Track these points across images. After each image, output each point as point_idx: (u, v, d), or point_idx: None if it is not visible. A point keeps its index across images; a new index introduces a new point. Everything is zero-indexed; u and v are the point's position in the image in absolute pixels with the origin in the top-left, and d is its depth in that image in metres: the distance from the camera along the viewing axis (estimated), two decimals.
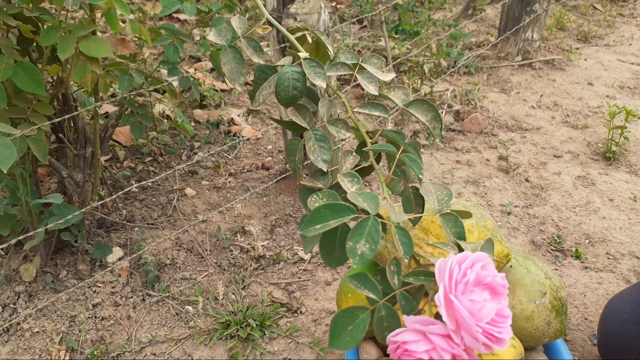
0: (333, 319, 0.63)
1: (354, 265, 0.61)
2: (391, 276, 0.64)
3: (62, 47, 1.03)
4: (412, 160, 0.72)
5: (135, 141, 1.97)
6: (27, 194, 1.22)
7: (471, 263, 0.59)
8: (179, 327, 1.27)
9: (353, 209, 0.63)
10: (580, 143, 2.07)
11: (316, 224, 0.62)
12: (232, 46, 0.77)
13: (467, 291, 0.57)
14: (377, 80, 0.79)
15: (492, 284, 0.59)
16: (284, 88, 0.74)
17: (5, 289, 1.31)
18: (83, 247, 1.40)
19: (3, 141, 0.88)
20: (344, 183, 0.71)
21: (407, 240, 0.64)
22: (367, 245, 0.61)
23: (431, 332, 0.57)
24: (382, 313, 0.63)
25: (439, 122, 0.76)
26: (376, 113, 0.77)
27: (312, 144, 0.75)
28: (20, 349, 1.20)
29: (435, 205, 0.70)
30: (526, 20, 2.60)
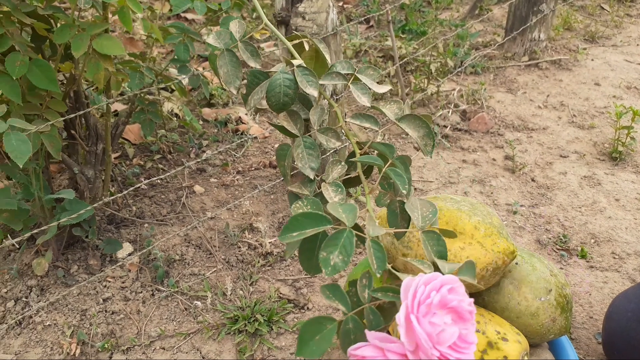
0: (302, 327, 0.62)
1: (325, 275, 0.61)
2: (362, 290, 0.63)
3: (76, 45, 1.05)
4: (397, 175, 0.71)
5: (144, 139, 1.99)
6: (40, 189, 1.24)
7: (439, 285, 0.57)
8: (188, 322, 1.29)
9: (330, 220, 0.63)
10: (586, 143, 2.07)
11: (294, 231, 0.62)
12: (229, 49, 0.77)
13: (429, 313, 0.56)
14: (370, 92, 0.78)
15: (457, 308, 0.58)
16: (274, 94, 0.74)
17: (17, 283, 1.33)
18: (93, 243, 1.43)
19: (19, 136, 0.90)
20: (328, 192, 0.71)
21: (381, 255, 0.63)
22: (340, 256, 0.60)
23: (389, 349, 0.56)
24: (349, 326, 0.62)
25: (431, 139, 0.74)
26: (367, 125, 0.76)
27: (301, 151, 0.75)
28: (32, 342, 1.22)
29: (419, 221, 0.68)
30: (533, 20, 2.60)
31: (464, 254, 0.95)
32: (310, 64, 0.90)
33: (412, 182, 1.83)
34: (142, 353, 1.22)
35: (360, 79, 0.78)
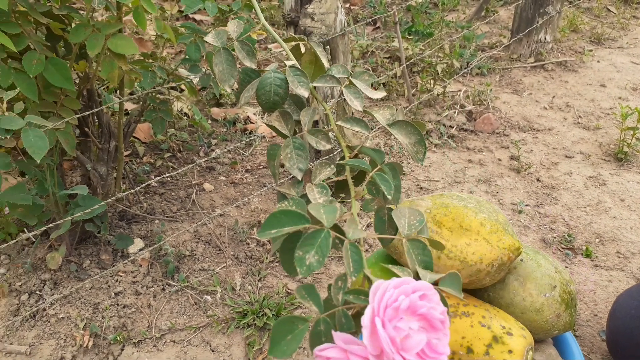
0: (274, 327, 0.61)
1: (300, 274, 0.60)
2: (336, 292, 0.62)
3: (91, 44, 1.08)
4: (384, 180, 0.70)
5: (154, 137, 2.02)
6: (54, 185, 1.27)
7: (410, 290, 0.55)
8: (198, 316, 1.31)
9: (307, 219, 0.62)
10: (592, 144, 2.08)
11: (272, 228, 0.61)
12: (225, 48, 0.77)
13: (396, 317, 0.53)
14: (363, 97, 0.78)
15: (427, 315, 0.55)
16: (265, 92, 0.75)
17: (31, 277, 1.36)
18: (105, 238, 1.45)
19: (36, 133, 0.93)
20: (313, 193, 0.70)
21: (358, 258, 0.62)
22: (316, 256, 0.59)
23: (352, 352, 0.54)
24: (320, 327, 0.61)
25: (422, 147, 0.74)
26: (357, 129, 0.75)
27: (290, 152, 0.74)
28: (46, 334, 1.25)
29: (405, 229, 0.67)
30: (539, 22, 2.62)
31: (469, 250, 0.96)
32: (309, 68, 0.91)
33: (419, 181, 1.85)
34: (153, 346, 1.24)
35: (355, 84, 0.78)
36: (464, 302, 1.01)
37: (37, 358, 1.20)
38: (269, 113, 0.76)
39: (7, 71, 1.02)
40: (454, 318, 0.99)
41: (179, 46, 3.02)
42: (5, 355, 1.21)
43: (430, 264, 0.64)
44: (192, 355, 1.22)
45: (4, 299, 1.32)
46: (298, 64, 0.78)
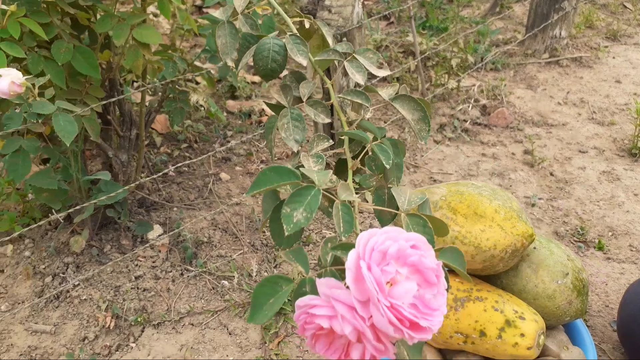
0: (255, 290, 0.56)
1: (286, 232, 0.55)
2: (325, 253, 0.59)
3: (117, 34, 1.11)
4: (382, 150, 0.67)
5: (171, 129, 2.06)
6: (78, 171, 1.31)
7: (401, 237, 0.49)
8: (215, 300, 1.35)
9: (297, 174, 0.59)
10: (606, 139, 2.09)
11: (260, 186, 0.58)
12: (229, 22, 0.76)
13: (382, 262, 0.48)
14: (365, 71, 0.77)
15: (419, 265, 0.48)
16: (262, 58, 0.73)
17: (55, 260, 1.41)
18: (125, 224, 1.49)
19: (66, 118, 0.97)
20: (308, 162, 0.67)
21: (349, 219, 0.59)
22: (304, 213, 0.56)
23: (335, 297, 0.48)
24: (305, 288, 0.57)
25: (426, 124, 0.71)
26: (358, 100, 0.74)
27: (287, 122, 0.72)
28: (69, 314, 1.29)
29: (404, 205, 0.63)
30: (554, 18, 2.62)
31: (484, 236, 0.99)
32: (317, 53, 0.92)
33: (432, 174, 1.87)
34: (172, 328, 1.28)
35: (358, 59, 0.76)
36: (477, 287, 1.03)
37: (62, 337, 1.25)
38: (267, 81, 0.75)
39: (37, 59, 1.06)
40: (467, 302, 1.01)
41: (194, 40, 3.06)
42: (31, 333, 1.25)
43: (432, 242, 0.59)
44: (210, 338, 1.26)
45: (29, 280, 1.37)
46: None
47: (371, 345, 0.47)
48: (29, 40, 1.06)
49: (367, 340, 0.47)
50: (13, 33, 0.97)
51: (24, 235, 1.49)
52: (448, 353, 1.08)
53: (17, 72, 0.89)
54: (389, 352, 0.48)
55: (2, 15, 0.97)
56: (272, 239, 0.65)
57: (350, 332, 0.46)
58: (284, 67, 0.74)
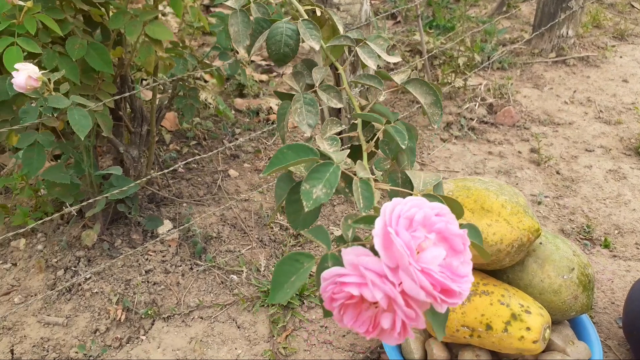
0: (276, 268, 0.55)
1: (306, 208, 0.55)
2: (346, 229, 0.58)
3: (130, 30, 1.13)
4: (397, 131, 0.68)
5: (180, 126, 2.08)
6: (90, 166, 1.33)
7: (425, 205, 0.49)
8: (224, 294, 1.37)
9: (316, 152, 0.59)
10: (612, 138, 2.09)
11: (277, 165, 0.58)
12: (242, 10, 0.77)
13: (410, 228, 0.47)
14: (377, 56, 0.78)
15: (445, 232, 0.48)
16: (275, 42, 0.73)
17: (66, 254, 1.43)
18: (136, 219, 1.51)
19: (81, 112, 0.99)
20: (323, 144, 0.67)
21: (369, 195, 0.59)
22: (324, 189, 0.56)
23: (364, 264, 0.47)
24: (327, 263, 0.56)
25: (439, 108, 0.72)
26: (371, 84, 0.75)
27: (300, 107, 0.73)
28: (81, 307, 1.31)
29: (419, 186, 0.64)
30: (561, 17, 2.62)
31: (490, 231, 1.00)
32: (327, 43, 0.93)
33: (439, 171, 1.88)
34: (182, 321, 1.30)
35: (369, 45, 0.77)
36: (484, 282, 1.04)
37: (73, 329, 1.27)
38: (279, 66, 0.77)
39: (52, 54, 1.08)
40: (474, 296, 1.02)
41: (202, 39, 3.08)
42: (43, 325, 1.27)
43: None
44: (219, 331, 1.28)
45: (41, 274, 1.39)
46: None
47: (402, 311, 0.46)
48: (43, 36, 1.08)
49: (398, 306, 0.46)
50: (29, 29, 0.99)
51: (36, 229, 1.51)
52: (454, 347, 1.10)
53: (33, 67, 0.91)
54: (419, 319, 0.47)
55: (18, 11, 0.99)
56: (288, 221, 0.64)
57: (381, 298, 0.45)
58: (297, 52, 0.74)
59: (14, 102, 1.17)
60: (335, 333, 1.27)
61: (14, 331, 1.26)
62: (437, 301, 0.45)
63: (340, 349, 1.24)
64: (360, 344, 1.25)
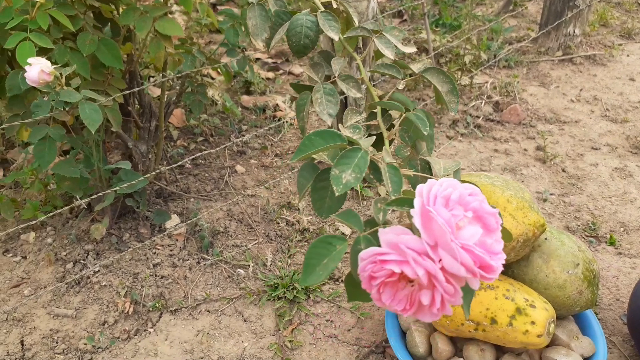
0: (308, 251, 0.56)
1: (336, 193, 0.56)
2: (377, 211, 0.60)
3: (140, 26, 1.15)
4: (419, 118, 0.70)
5: (187, 123, 2.10)
6: (99, 160, 1.35)
7: (458, 185, 0.50)
8: (231, 288, 1.38)
9: (343, 137, 0.60)
10: (619, 136, 2.09)
11: (305, 151, 0.59)
12: (259, 3, 0.79)
13: (447, 207, 0.49)
14: (394, 47, 0.79)
15: (479, 211, 0.49)
16: (295, 34, 0.75)
17: (75, 247, 1.45)
18: (144, 214, 1.53)
19: (92, 106, 1.00)
20: (346, 132, 0.69)
21: (397, 180, 0.61)
22: (353, 174, 0.57)
23: (404, 243, 0.49)
24: (360, 246, 0.57)
25: (455, 96, 0.75)
26: (390, 73, 0.77)
27: (320, 96, 0.75)
28: (90, 299, 1.33)
29: (440, 171, 0.67)
30: (568, 15, 2.62)
31: None
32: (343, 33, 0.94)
33: None
34: (189, 314, 1.31)
35: (386, 36, 0.79)
36: None
37: (82, 321, 1.28)
38: (299, 57, 0.78)
39: (64, 50, 1.10)
40: (478, 290, 1.03)
41: (209, 36, 3.10)
42: (53, 317, 1.29)
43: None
44: (226, 324, 1.29)
45: (51, 266, 1.41)
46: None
47: (442, 287, 0.47)
48: (55, 32, 1.09)
49: (438, 282, 0.47)
50: (42, 24, 1.00)
51: (46, 223, 1.53)
52: (459, 341, 1.11)
53: (46, 62, 0.93)
54: (457, 295, 0.48)
55: (31, 7, 1.01)
56: (314, 208, 0.65)
57: (423, 274, 0.47)
58: (316, 43, 0.76)
59: (25, 97, 1.19)
60: (341, 327, 1.29)
61: (24, 323, 1.28)
62: (477, 277, 0.47)
63: (346, 342, 1.25)
64: (366, 338, 1.26)
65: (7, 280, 1.39)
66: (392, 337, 1.13)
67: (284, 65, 2.71)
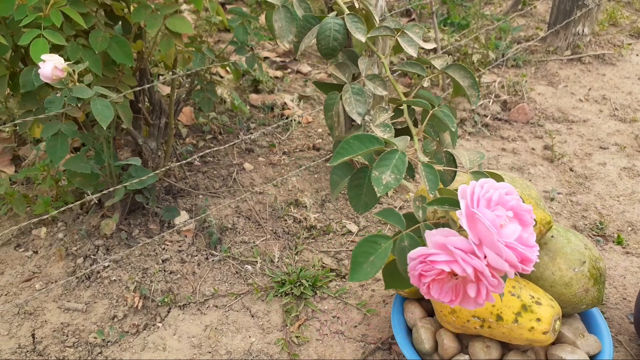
0: (355, 249, 0.61)
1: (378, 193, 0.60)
2: (416, 210, 0.64)
3: (151, 24, 1.16)
4: (446, 115, 0.73)
5: (196, 121, 2.12)
6: (110, 157, 1.37)
7: (495, 186, 0.56)
8: (239, 284, 1.39)
9: (381, 141, 0.64)
10: (627, 136, 2.08)
11: (344, 155, 0.62)
12: (284, 5, 0.82)
13: (489, 207, 0.54)
14: (416, 44, 0.82)
15: (516, 208, 0.55)
16: (324, 37, 0.78)
17: (86, 242, 1.47)
18: (153, 210, 1.55)
19: (103, 102, 1.02)
20: (377, 132, 0.72)
21: (434, 178, 0.65)
22: (392, 175, 0.61)
23: (453, 244, 0.54)
24: (404, 243, 0.62)
25: (476, 90, 0.78)
26: (414, 71, 0.80)
27: (349, 97, 0.78)
28: (100, 294, 1.35)
29: (467, 163, 0.70)
30: (577, 15, 2.61)
31: None
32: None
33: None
34: (197, 309, 1.33)
35: (407, 34, 0.83)
36: None
37: (92, 315, 1.30)
38: (327, 59, 0.81)
39: (76, 47, 1.12)
40: None
41: (217, 35, 3.12)
42: (63, 311, 1.31)
43: None
44: (233, 319, 1.30)
45: (61, 261, 1.43)
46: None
47: (488, 281, 0.53)
48: (68, 29, 1.11)
49: (485, 277, 0.53)
50: (55, 21, 1.02)
51: (57, 219, 1.55)
52: (464, 338, 1.11)
53: (59, 58, 0.95)
54: (500, 286, 0.54)
55: (45, 5, 1.03)
56: (351, 205, 0.70)
57: (471, 272, 0.52)
58: (344, 45, 0.79)
59: (38, 94, 1.21)
60: (347, 324, 1.30)
61: (35, 316, 1.30)
62: (519, 269, 0.53)
63: (352, 339, 1.26)
64: (372, 335, 1.27)
65: (19, 274, 1.41)
66: (398, 333, 1.13)
67: (292, 64, 2.72)
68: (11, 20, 1.11)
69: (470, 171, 0.69)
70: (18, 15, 1.04)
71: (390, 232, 1.59)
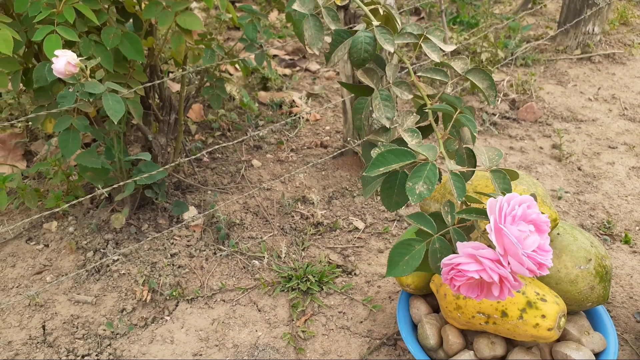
0: (391, 251, 0.70)
1: (412, 202, 0.69)
2: (445, 215, 0.73)
3: (162, 20, 1.18)
4: (469, 120, 0.80)
5: (205, 118, 2.14)
6: (120, 152, 1.39)
7: (519, 202, 0.68)
8: (246, 279, 1.41)
9: (414, 154, 0.71)
10: (636, 135, 2.07)
11: (380, 167, 0.70)
12: (313, 15, 0.87)
13: (514, 223, 0.65)
14: (439, 50, 0.87)
15: (536, 220, 0.68)
16: (356, 50, 0.84)
17: (96, 237, 1.49)
18: (162, 205, 1.57)
19: (115, 98, 1.04)
20: (405, 137, 0.79)
21: (462, 185, 0.72)
22: (424, 185, 0.69)
23: (482, 255, 0.65)
24: (436, 245, 0.71)
25: (493, 91, 0.84)
26: (438, 77, 0.85)
27: (378, 102, 0.84)
28: (109, 287, 1.37)
29: (486, 162, 0.76)
30: (587, 14, 2.60)
31: None
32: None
33: None
34: (205, 303, 1.35)
35: (430, 39, 0.87)
36: None
37: (102, 308, 1.32)
38: (358, 69, 0.86)
39: (88, 43, 1.13)
40: None
41: (227, 33, 3.14)
42: (73, 304, 1.33)
43: (510, 190, 0.75)
44: (240, 314, 1.32)
45: (72, 255, 1.45)
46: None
47: (511, 285, 0.66)
48: (80, 26, 1.13)
49: (508, 282, 0.65)
50: (68, 18, 1.04)
51: (67, 213, 1.57)
52: (469, 334, 1.12)
53: (72, 54, 0.96)
54: (520, 286, 0.66)
55: (58, 1, 1.05)
56: (383, 203, 0.79)
57: (497, 279, 0.65)
58: (374, 56, 0.85)
59: (50, 89, 1.23)
60: (353, 319, 1.31)
61: (45, 308, 1.33)
62: (537, 275, 0.65)
63: (358, 334, 1.27)
64: (377, 330, 1.28)
65: (30, 267, 1.44)
66: (404, 329, 1.14)
67: (300, 62, 2.73)
68: (25, 16, 1.14)
69: (489, 170, 0.75)
70: (32, 12, 1.06)
71: (396, 229, 1.60)
